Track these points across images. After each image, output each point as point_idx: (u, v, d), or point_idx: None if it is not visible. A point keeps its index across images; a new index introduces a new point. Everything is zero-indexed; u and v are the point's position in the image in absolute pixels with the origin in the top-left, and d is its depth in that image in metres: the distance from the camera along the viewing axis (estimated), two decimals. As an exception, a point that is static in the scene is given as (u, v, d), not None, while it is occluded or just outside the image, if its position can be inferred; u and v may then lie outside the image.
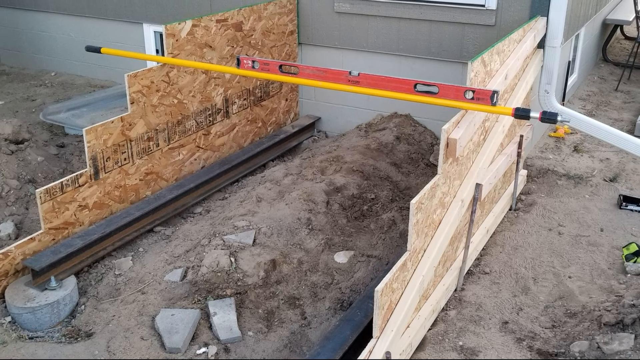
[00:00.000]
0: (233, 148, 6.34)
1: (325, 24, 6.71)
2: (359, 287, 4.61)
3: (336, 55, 6.79)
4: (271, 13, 6.39)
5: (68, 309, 4.37)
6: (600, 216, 5.35)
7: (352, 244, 5.06)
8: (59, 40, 9.02)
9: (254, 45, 6.27)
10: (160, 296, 4.40)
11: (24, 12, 9.14)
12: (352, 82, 4.25)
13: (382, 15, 6.36)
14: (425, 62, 6.36)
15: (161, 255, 4.82)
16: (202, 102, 5.77)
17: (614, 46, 10.42)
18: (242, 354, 4.02)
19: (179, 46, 5.42)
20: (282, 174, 5.78)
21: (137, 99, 5.10)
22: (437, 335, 4.07)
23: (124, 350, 3.99)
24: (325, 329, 4.22)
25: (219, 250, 4.63)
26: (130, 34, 8.24)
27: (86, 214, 4.90)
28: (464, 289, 4.50)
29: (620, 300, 4.13)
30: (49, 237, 4.65)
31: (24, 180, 5.66)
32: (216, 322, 4.14)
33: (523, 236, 5.10)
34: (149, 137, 5.29)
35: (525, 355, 3.90)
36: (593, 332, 3.91)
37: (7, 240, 5.09)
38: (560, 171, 6.07)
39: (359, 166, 5.78)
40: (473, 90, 3.86)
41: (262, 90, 6.55)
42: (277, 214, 5.09)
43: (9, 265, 4.42)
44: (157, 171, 5.47)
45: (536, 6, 5.61)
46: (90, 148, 4.78)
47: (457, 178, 4.18)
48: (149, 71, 5.16)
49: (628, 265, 4.63)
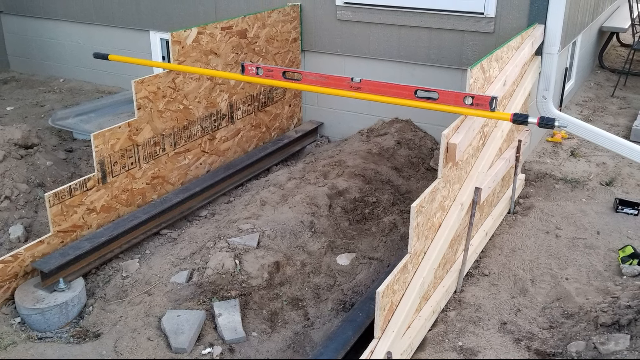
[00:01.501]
0: (238, 153, 6.35)
1: (327, 31, 6.72)
2: (360, 289, 4.61)
3: (338, 62, 6.80)
4: (275, 21, 6.41)
5: (76, 310, 4.38)
6: (597, 219, 5.35)
7: (354, 246, 5.06)
8: (68, 48, 9.05)
9: (258, 52, 6.29)
10: (166, 297, 4.41)
11: (33, 20, 9.17)
12: (354, 88, 4.25)
13: (383, 22, 6.37)
14: (426, 69, 6.37)
15: (167, 257, 4.83)
16: (207, 108, 5.79)
17: (610, 53, 10.42)
18: (247, 354, 4.02)
19: (185, 53, 5.43)
20: (285, 178, 5.79)
21: (144, 105, 5.12)
22: (437, 335, 4.08)
23: (131, 350, 4.00)
24: (327, 330, 4.22)
25: (224, 253, 4.64)
26: (137, 41, 8.26)
27: (94, 217, 4.91)
28: (464, 290, 4.50)
29: (616, 301, 4.13)
30: (57, 240, 4.66)
31: (33, 184, 5.67)
32: (221, 323, 4.15)
33: (521, 239, 5.10)
34: (155, 142, 5.30)
35: (523, 355, 3.90)
36: (590, 332, 3.91)
37: (17, 243, 5.10)
38: (557, 175, 6.07)
39: (360, 170, 5.79)
40: (472, 96, 3.87)
41: (266, 96, 6.56)
42: (281, 217, 5.10)
43: (18, 267, 4.43)
44: (163, 175, 5.48)
45: (534, 14, 5.62)
46: (98, 153, 4.79)
47: (457, 182, 4.19)
48: (156, 77, 5.18)
49: (624, 267, 4.63)
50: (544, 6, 5.54)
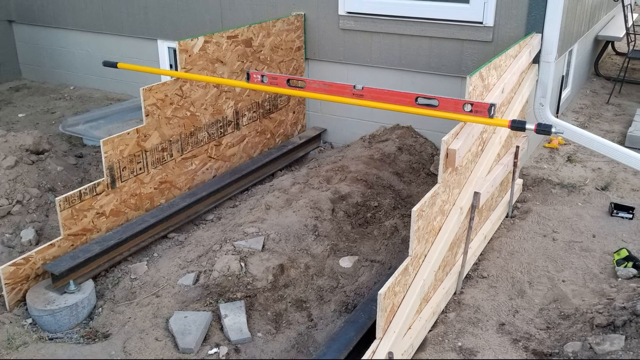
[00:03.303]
0: (243, 158, 6.36)
1: (330, 40, 6.74)
2: (363, 291, 4.62)
3: (341, 70, 6.82)
4: (279, 30, 6.43)
5: (86, 312, 4.39)
6: (593, 223, 5.36)
7: (357, 249, 5.07)
8: (78, 56, 9.09)
9: (263, 60, 6.31)
10: (173, 299, 4.42)
11: (44, 29, 9.21)
12: (357, 95, 4.27)
13: (384, 32, 6.39)
14: (426, 77, 6.38)
15: (175, 260, 4.84)
16: (213, 115, 5.81)
17: (606, 61, 10.43)
18: (252, 354, 4.03)
19: (192, 61, 5.45)
20: (289, 183, 5.80)
21: (152, 112, 5.14)
22: (437, 336, 4.08)
23: (139, 350, 4.01)
24: (330, 331, 4.23)
25: (230, 256, 4.65)
26: (145, 49, 8.29)
27: (103, 221, 4.92)
28: (463, 292, 4.51)
29: (611, 303, 4.13)
30: (68, 243, 4.67)
31: (44, 189, 5.69)
32: (227, 324, 4.16)
33: (519, 242, 5.11)
34: (163, 148, 5.32)
35: (521, 355, 3.90)
36: (586, 333, 3.91)
37: (28, 246, 5.12)
38: (554, 180, 6.08)
39: (363, 175, 5.80)
40: (471, 103, 3.88)
41: (270, 103, 6.58)
42: (285, 221, 5.11)
43: (30, 269, 4.45)
44: (170, 180, 5.49)
45: (531, 23, 5.64)
46: (107, 158, 4.81)
47: (456, 187, 4.20)
48: (163, 85, 5.20)
49: (619, 269, 4.63)
50: (541, 16, 5.56)
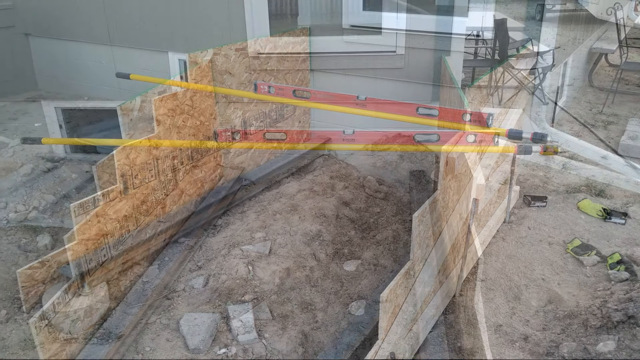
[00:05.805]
0: (251, 166, 6.39)
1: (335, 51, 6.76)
2: (365, 293, 4.63)
3: (345, 80, 6.83)
4: (285, 42, 6.46)
5: (100, 313, 4.41)
6: (587, 228, 5.36)
7: (360, 253, 5.09)
8: (92, 68, 9.12)
9: (269, 71, 6.34)
10: (184, 301, 4.44)
11: (60, 42, 9.25)
12: (360, 105, 4.30)
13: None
14: (426, 87, 6.40)
15: (185, 264, 4.86)
16: (222, 124, 5.83)
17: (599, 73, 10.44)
18: (259, 354, 4.05)
19: (201, 73, 5.48)
20: (295, 189, 5.82)
21: (163, 121, 5.16)
22: (437, 337, 4.09)
23: (151, 350, 4.03)
24: (335, 332, 4.24)
25: (238, 260, 4.67)
26: (157, 61, 8.32)
27: (116, 227, 4.94)
28: (462, 294, 4.51)
29: (605, 305, 4.14)
30: (82, 248, 4.69)
31: (59, 195, 5.72)
32: (235, 325, 4.17)
33: (516, 247, 5.11)
34: (173, 156, 5.35)
35: (517, 355, 3.91)
36: (580, 334, 3.92)
37: (45, 250, 5.14)
38: (550, 187, 6.08)
39: (365, 182, 5.81)
40: (470, 113, 3.90)
41: (277, 113, 6.60)
42: (291, 227, 5.13)
43: (46, 273, 4.48)
44: (181, 187, 5.52)
45: (527, 36, 5.67)
46: (120, 166, 4.84)
47: (456, 193, 4.21)
48: (174, 95, 5.23)
49: (612, 273, 4.63)
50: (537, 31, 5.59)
